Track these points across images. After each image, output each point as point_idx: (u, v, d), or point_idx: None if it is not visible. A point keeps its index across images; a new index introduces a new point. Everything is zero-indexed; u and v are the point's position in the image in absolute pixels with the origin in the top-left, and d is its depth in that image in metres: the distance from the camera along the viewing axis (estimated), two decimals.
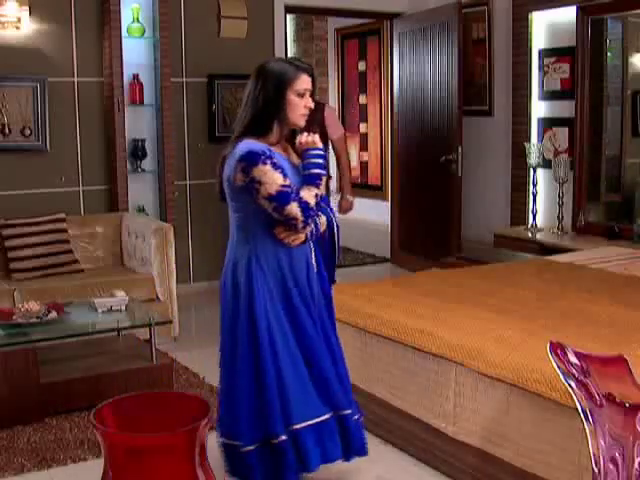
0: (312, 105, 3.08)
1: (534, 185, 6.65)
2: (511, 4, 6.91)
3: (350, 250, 9.06)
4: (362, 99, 9.89)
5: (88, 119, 6.47)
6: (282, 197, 2.91)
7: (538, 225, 6.66)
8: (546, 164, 6.64)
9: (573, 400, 2.17)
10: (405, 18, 7.88)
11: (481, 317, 3.67)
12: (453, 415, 3.44)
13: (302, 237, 3.04)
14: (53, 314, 4.40)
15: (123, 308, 4.65)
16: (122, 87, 6.31)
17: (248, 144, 2.96)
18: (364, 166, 10.07)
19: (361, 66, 9.83)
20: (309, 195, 2.97)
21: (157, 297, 5.54)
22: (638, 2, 5.98)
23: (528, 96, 6.83)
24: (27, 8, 6.08)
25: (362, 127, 9.97)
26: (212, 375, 4.79)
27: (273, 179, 2.90)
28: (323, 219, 3.15)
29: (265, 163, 2.90)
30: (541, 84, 6.78)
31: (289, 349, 3.02)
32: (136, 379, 4.30)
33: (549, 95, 6.74)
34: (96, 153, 6.53)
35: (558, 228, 6.46)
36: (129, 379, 4.28)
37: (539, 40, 6.78)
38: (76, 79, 6.42)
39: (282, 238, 3.02)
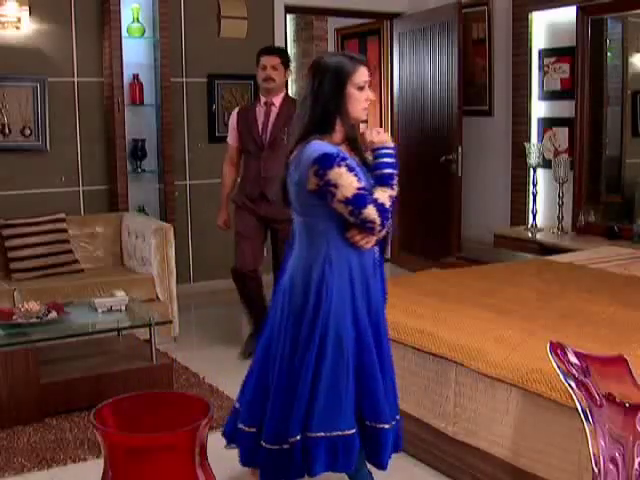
0: (373, 97, 2.99)
1: (534, 185, 6.65)
2: (511, 4, 6.91)
3: None
4: None
5: (88, 119, 6.47)
6: (359, 200, 2.80)
7: (538, 225, 6.66)
8: (546, 164, 6.63)
9: (573, 400, 2.17)
10: (405, 18, 7.88)
11: (481, 317, 3.67)
12: (453, 415, 3.44)
13: (374, 240, 2.95)
14: (53, 314, 4.40)
15: (123, 308, 4.65)
16: (122, 87, 6.32)
17: (320, 145, 2.85)
18: None
19: None
20: (384, 197, 2.85)
21: (157, 297, 5.54)
22: (638, 2, 5.98)
23: (528, 96, 6.83)
24: (27, 8, 6.08)
25: (362, 127, 9.95)
26: (212, 375, 4.80)
27: (349, 182, 2.79)
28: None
29: (340, 165, 2.80)
30: (541, 84, 6.78)
31: (342, 358, 2.92)
32: (136, 379, 4.30)
33: (549, 95, 6.74)
34: (96, 153, 6.53)
35: (558, 228, 6.46)
36: (129, 379, 4.28)
37: (539, 40, 6.77)
38: (76, 79, 6.42)
39: (356, 241, 2.90)
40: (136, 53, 6.51)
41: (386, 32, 8.64)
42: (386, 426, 2.99)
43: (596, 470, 2.05)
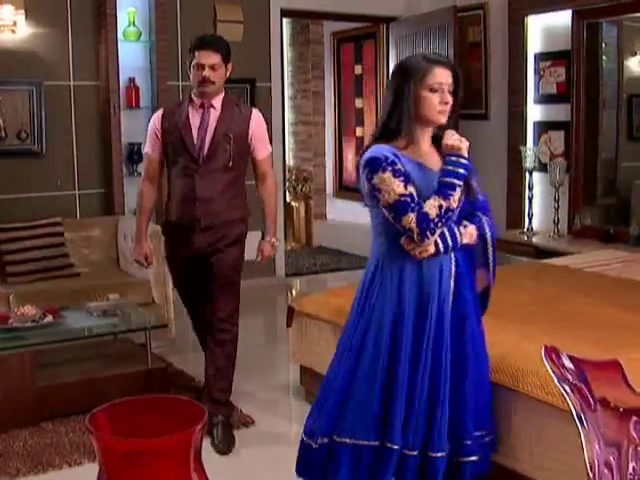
0: (449, 100, 2.84)
1: (530, 188, 6.66)
2: (506, 8, 6.93)
3: (346, 253, 9.06)
4: (358, 103, 9.88)
5: (84, 122, 6.47)
6: (399, 207, 2.76)
7: (534, 228, 6.67)
8: (542, 168, 6.64)
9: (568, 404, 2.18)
10: (401, 22, 7.89)
11: None
12: None
13: (430, 250, 2.82)
14: (49, 318, 4.40)
15: (119, 312, 4.64)
16: (118, 91, 6.32)
17: (374, 149, 2.84)
18: None
19: (357, 70, 9.83)
20: (431, 206, 2.76)
21: (153, 301, 5.53)
22: (633, 6, 6.00)
23: (524, 100, 6.85)
24: (23, 12, 6.08)
25: (358, 131, 9.96)
26: None
27: (392, 188, 2.76)
28: (470, 229, 2.92)
29: (385, 170, 2.77)
30: (537, 88, 6.79)
31: (371, 367, 2.91)
32: (132, 383, 4.30)
33: (545, 99, 6.76)
34: (92, 156, 6.52)
35: (554, 231, 6.47)
36: (125, 383, 4.28)
37: (535, 44, 6.79)
38: (72, 83, 6.42)
39: (408, 250, 2.84)
40: (132, 57, 6.51)
41: (382, 36, 8.66)
42: (407, 452, 2.87)
43: (591, 475, 2.05)
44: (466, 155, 2.84)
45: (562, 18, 6.46)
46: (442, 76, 2.83)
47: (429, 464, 2.86)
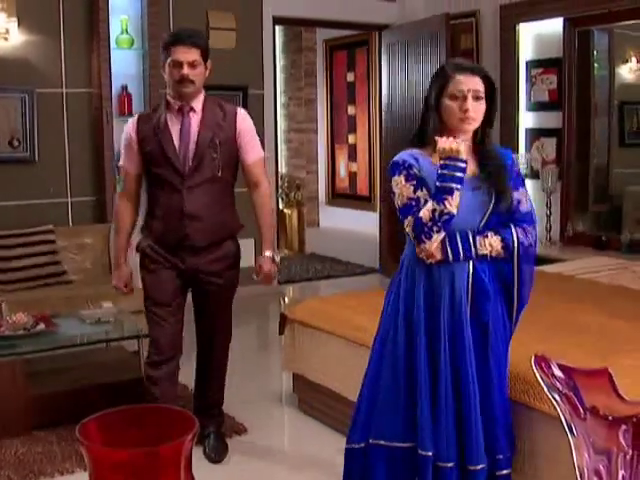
0: (468, 107, 2.77)
1: None
2: (498, 15, 6.95)
3: (339, 261, 9.07)
4: (351, 110, 9.92)
5: (76, 130, 6.47)
6: (404, 210, 2.82)
7: None
8: (534, 174, 6.66)
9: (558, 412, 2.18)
10: (393, 29, 7.91)
11: None
12: None
13: (437, 256, 2.81)
14: (41, 326, 4.38)
15: (111, 319, 4.63)
16: (111, 98, 6.31)
17: (399, 154, 2.90)
18: (352, 177, 10.08)
19: (350, 77, 9.87)
20: (426, 210, 2.76)
21: None
22: (624, 14, 6.02)
23: (516, 107, 6.87)
24: (16, 19, 6.08)
25: (351, 138, 9.99)
26: None
27: (402, 191, 2.81)
28: (491, 240, 2.83)
29: (400, 174, 2.82)
30: (529, 95, 6.82)
31: (393, 368, 2.92)
32: (124, 391, 4.28)
33: (536, 106, 6.78)
34: (84, 164, 6.51)
35: (546, 239, 6.48)
36: (117, 391, 4.26)
37: (526, 51, 6.82)
38: (64, 90, 6.41)
39: (417, 253, 2.85)
40: (125, 64, 6.51)
41: (374, 43, 8.69)
42: (442, 464, 2.83)
43: None
44: (464, 158, 2.76)
45: (553, 26, 6.48)
46: (464, 83, 2.79)
47: (469, 477, 2.82)
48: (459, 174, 2.76)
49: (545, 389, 2.10)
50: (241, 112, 3.79)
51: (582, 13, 6.25)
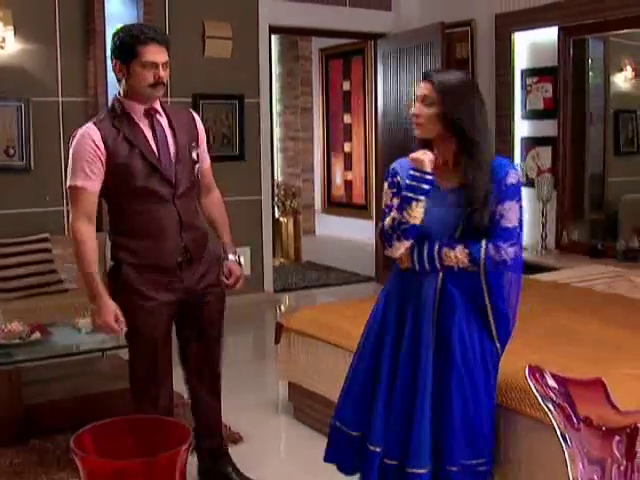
0: (416, 111, 2.83)
1: None
2: (494, 24, 6.97)
3: (335, 269, 9.07)
4: (346, 118, 9.93)
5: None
6: (382, 216, 2.95)
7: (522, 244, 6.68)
8: (529, 183, 6.67)
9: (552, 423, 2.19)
10: (389, 38, 7.93)
11: None
12: None
13: (406, 263, 2.90)
14: (36, 335, 4.37)
15: None
16: (107, 107, 6.30)
17: (396, 161, 3.01)
18: (348, 185, 10.09)
19: (345, 86, 9.88)
20: (388, 218, 2.86)
21: None
22: (618, 23, 6.04)
23: (511, 115, 6.89)
24: (12, 28, 6.09)
25: (346, 146, 10.00)
26: None
27: (385, 197, 2.95)
28: (456, 252, 2.81)
29: (386, 180, 2.96)
30: (524, 103, 6.84)
31: (361, 363, 3.06)
32: (120, 400, 4.26)
33: (532, 114, 6.80)
34: None
35: (542, 247, 6.49)
36: (113, 400, 4.25)
37: (522, 60, 6.84)
38: (60, 99, 6.42)
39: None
40: None
41: (370, 52, 8.71)
42: (388, 461, 2.90)
43: None
44: (428, 170, 2.78)
45: (548, 34, 6.51)
46: (420, 89, 2.84)
47: (407, 478, 2.84)
48: (425, 186, 2.78)
49: (539, 399, 2.10)
50: (197, 116, 3.54)
51: (577, 22, 6.27)
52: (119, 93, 3.33)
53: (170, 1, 6.87)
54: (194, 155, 3.36)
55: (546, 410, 2.09)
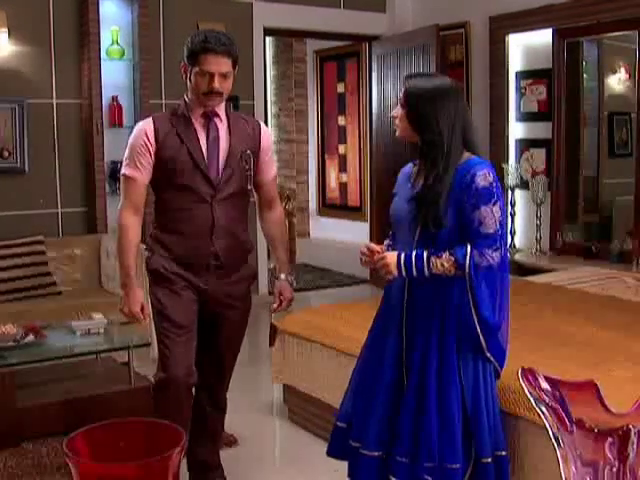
0: (395, 114, 3.02)
1: (512, 206, 6.69)
2: (488, 27, 6.98)
3: (329, 271, 9.06)
4: (341, 121, 9.92)
5: (67, 141, 6.46)
6: None
7: (516, 246, 6.70)
8: (524, 185, 6.69)
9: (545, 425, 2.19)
10: (384, 41, 7.93)
11: None
12: None
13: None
14: (30, 337, 4.37)
15: (101, 331, 4.62)
16: (101, 109, 6.31)
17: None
18: (343, 187, 10.09)
19: (340, 88, 9.88)
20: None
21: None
22: (613, 26, 6.06)
23: (505, 118, 6.90)
24: (6, 30, 6.08)
25: (341, 148, 10.00)
26: None
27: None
28: (445, 261, 2.76)
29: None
30: (518, 106, 6.85)
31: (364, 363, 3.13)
32: (114, 403, 4.27)
33: (526, 116, 6.81)
34: (75, 175, 6.51)
35: (536, 249, 6.50)
36: (107, 403, 4.25)
37: (516, 62, 6.86)
38: (55, 101, 6.41)
39: None
40: (115, 75, 6.51)
41: (365, 54, 8.70)
42: (373, 453, 2.92)
43: None
44: (394, 274, 2.87)
45: (543, 37, 6.52)
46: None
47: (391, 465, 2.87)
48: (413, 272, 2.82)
49: (532, 402, 2.10)
50: (264, 127, 3.49)
51: (571, 24, 6.29)
52: (187, 93, 3.35)
53: (165, 3, 6.88)
54: (248, 164, 3.32)
55: (539, 412, 2.09)
